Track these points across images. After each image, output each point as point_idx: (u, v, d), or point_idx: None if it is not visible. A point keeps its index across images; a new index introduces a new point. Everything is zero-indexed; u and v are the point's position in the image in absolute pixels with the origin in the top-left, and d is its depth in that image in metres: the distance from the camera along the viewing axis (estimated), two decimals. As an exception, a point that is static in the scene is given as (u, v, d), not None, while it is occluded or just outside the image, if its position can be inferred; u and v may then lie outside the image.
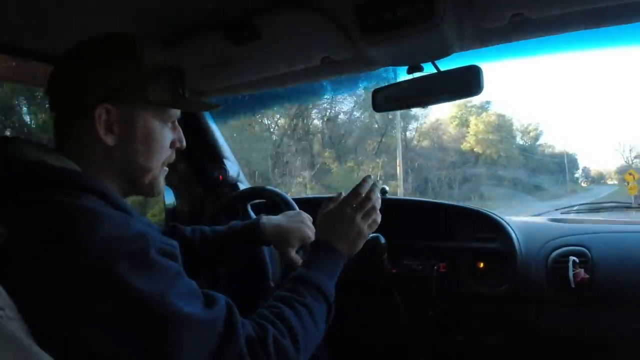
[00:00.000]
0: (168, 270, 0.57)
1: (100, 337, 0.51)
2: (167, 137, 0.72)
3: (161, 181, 0.74)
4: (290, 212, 1.07)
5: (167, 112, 0.71)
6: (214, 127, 1.63)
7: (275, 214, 1.07)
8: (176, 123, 0.74)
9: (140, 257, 0.54)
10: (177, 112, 0.73)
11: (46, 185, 0.57)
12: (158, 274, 0.55)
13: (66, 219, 0.54)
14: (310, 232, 1.00)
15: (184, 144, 0.75)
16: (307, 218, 1.03)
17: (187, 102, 0.78)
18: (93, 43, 0.67)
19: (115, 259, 0.52)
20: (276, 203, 1.21)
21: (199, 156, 1.65)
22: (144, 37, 0.71)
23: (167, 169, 0.75)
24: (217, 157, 1.65)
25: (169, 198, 1.65)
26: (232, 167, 1.66)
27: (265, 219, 1.01)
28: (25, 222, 0.54)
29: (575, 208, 1.69)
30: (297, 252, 1.00)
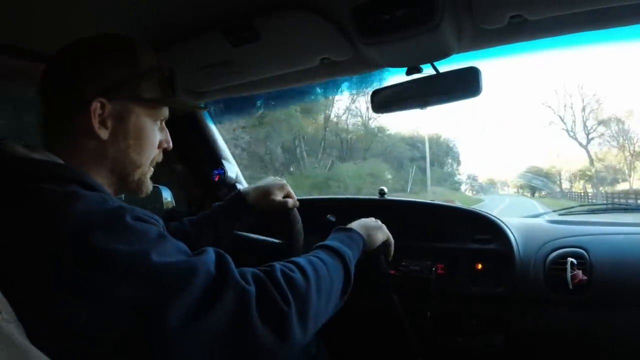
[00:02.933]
0: (147, 233, 0.57)
1: (91, 309, 0.51)
2: (156, 135, 0.74)
3: (148, 180, 0.76)
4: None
5: (157, 110, 0.73)
6: (213, 128, 1.63)
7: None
8: (163, 124, 0.76)
9: (116, 223, 0.55)
10: (165, 112, 0.75)
11: (32, 178, 0.59)
12: (136, 236, 0.55)
13: (45, 202, 0.55)
14: (284, 180, 1.10)
15: (171, 145, 0.77)
16: (277, 178, 1.12)
17: (178, 102, 0.81)
18: (91, 40, 0.69)
19: (91, 230, 0.53)
20: None
21: (198, 157, 1.65)
22: (140, 38, 0.73)
23: (152, 169, 0.77)
24: (215, 158, 1.64)
25: (167, 198, 1.65)
26: (231, 168, 1.66)
27: (243, 187, 1.09)
28: (11, 213, 0.55)
29: (573, 210, 1.70)
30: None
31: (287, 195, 1.09)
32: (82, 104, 0.65)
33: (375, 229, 0.97)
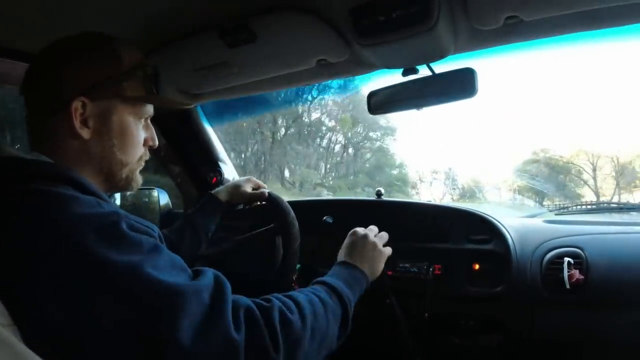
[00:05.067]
0: (141, 244, 0.56)
1: (79, 315, 0.51)
2: (141, 133, 0.74)
3: (138, 176, 0.76)
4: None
5: (141, 108, 0.72)
6: (210, 129, 1.63)
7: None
8: (149, 122, 0.76)
9: (110, 230, 0.54)
10: (150, 110, 0.75)
11: (22, 177, 0.58)
12: (129, 247, 0.54)
13: (39, 203, 0.55)
14: (251, 177, 1.20)
15: (157, 142, 0.77)
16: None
17: (161, 99, 0.80)
18: (72, 39, 0.68)
19: (84, 234, 0.52)
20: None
21: (194, 158, 1.65)
22: (136, 39, 0.72)
23: (143, 164, 0.77)
24: (212, 159, 1.64)
25: (164, 200, 1.64)
26: (228, 170, 1.66)
27: (214, 190, 1.18)
28: (3, 214, 0.54)
29: (570, 209, 1.70)
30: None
31: (258, 187, 1.18)
32: (63, 103, 0.64)
33: (377, 261, 0.95)
